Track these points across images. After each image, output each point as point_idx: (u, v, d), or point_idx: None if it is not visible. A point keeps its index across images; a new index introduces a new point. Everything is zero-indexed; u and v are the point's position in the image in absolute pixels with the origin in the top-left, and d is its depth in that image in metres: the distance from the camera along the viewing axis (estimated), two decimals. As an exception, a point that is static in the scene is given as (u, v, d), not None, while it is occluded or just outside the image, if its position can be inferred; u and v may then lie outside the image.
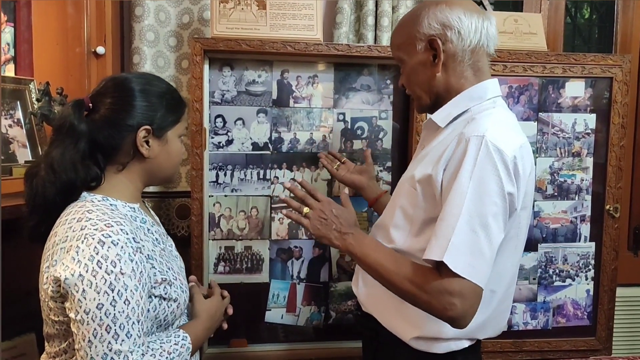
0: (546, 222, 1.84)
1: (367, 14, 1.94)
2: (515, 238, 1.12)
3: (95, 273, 0.93)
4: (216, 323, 1.23)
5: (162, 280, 1.06)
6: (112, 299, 0.94)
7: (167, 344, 1.03)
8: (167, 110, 1.10)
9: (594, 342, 1.89)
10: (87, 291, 0.93)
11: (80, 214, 1.00)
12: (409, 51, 1.16)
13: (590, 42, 2.53)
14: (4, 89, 1.57)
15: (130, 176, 1.10)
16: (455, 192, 1.00)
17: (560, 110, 1.83)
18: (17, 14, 1.69)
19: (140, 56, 1.84)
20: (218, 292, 1.27)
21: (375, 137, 1.82)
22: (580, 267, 1.87)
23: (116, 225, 0.99)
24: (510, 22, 1.86)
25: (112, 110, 1.06)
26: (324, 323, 1.84)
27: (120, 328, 0.94)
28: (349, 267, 1.84)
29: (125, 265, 0.96)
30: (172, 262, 1.14)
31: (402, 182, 1.23)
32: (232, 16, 1.67)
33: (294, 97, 1.77)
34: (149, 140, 1.08)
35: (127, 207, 1.09)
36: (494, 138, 1.01)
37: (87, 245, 0.95)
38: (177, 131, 1.13)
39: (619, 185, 1.84)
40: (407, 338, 1.15)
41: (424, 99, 1.19)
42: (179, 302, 1.10)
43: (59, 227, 1.01)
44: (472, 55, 1.13)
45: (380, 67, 1.80)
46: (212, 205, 1.76)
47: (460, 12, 1.11)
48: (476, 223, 0.98)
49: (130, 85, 1.08)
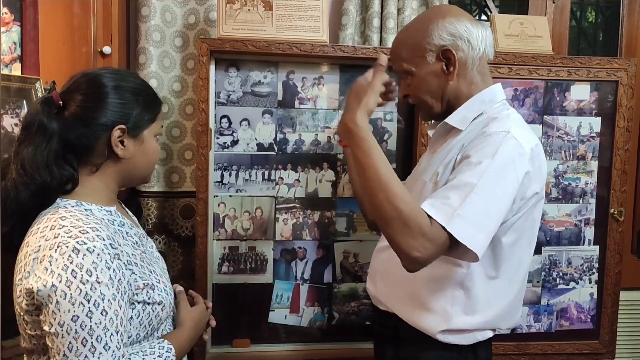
0: (550, 225, 1.84)
1: (372, 16, 1.95)
2: (529, 230, 1.19)
3: (70, 283, 0.88)
4: (199, 333, 1.18)
5: (144, 285, 1.01)
6: (87, 310, 0.88)
7: (150, 356, 0.99)
8: (143, 108, 1.04)
9: (597, 346, 1.89)
10: (61, 302, 0.88)
11: (53, 221, 0.94)
12: (418, 62, 1.20)
13: (595, 45, 2.54)
14: (10, 88, 1.58)
15: (104, 178, 1.04)
16: (473, 167, 1.05)
17: (565, 113, 1.83)
18: (24, 13, 1.70)
19: (146, 56, 1.85)
20: (202, 302, 1.22)
21: (380, 139, 1.82)
22: (584, 271, 1.87)
23: (92, 231, 0.93)
24: (516, 24, 1.86)
25: (84, 108, 0.99)
26: (327, 324, 1.84)
27: (98, 340, 0.89)
28: (353, 269, 1.84)
29: (102, 274, 0.90)
30: (154, 265, 1.10)
31: (419, 180, 1.26)
32: (239, 17, 1.68)
33: (299, 98, 1.77)
34: (124, 140, 1.02)
35: (103, 211, 1.03)
36: (518, 135, 1.09)
37: (61, 254, 0.89)
38: (154, 130, 1.08)
39: (623, 188, 1.84)
40: (435, 332, 1.18)
41: (435, 107, 1.23)
42: (164, 304, 1.05)
43: (31, 237, 0.95)
44: (480, 62, 1.20)
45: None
46: (216, 206, 1.76)
47: (467, 22, 1.18)
48: (486, 197, 1.03)
49: (103, 82, 1.01)
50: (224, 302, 1.78)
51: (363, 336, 1.80)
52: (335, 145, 1.80)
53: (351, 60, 1.75)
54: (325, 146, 1.79)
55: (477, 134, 1.14)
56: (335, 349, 1.83)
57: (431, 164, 1.25)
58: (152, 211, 1.90)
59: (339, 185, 1.81)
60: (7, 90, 1.56)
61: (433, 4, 1.97)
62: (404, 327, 1.23)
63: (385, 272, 1.29)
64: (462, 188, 1.03)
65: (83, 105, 1.00)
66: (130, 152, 1.03)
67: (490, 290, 1.17)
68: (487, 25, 1.23)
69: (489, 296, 1.17)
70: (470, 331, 1.19)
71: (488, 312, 1.18)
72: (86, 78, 1.03)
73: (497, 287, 1.18)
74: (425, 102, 1.24)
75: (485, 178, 1.03)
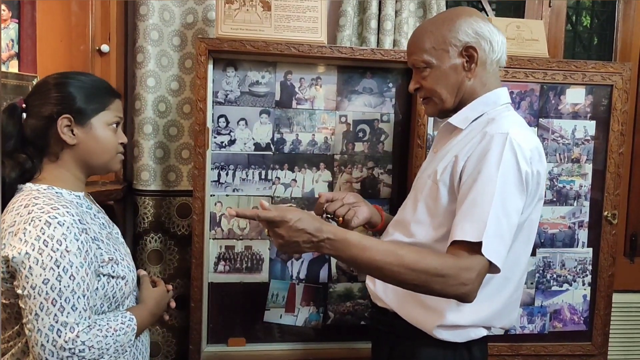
0: (544, 227, 1.85)
1: (370, 18, 1.96)
2: (528, 228, 1.20)
3: (42, 251, 1.00)
4: (160, 311, 1.27)
5: (109, 259, 1.12)
6: (57, 274, 1.00)
7: (114, 322, 1.09)
8: (88, 99, 1.14)
9: (590, 347, 1.90)
10: (33, 268, 0.99)
11: (27, 200, 1.06)
12: (440, 55, 1.22)
13: (590, 49, 2.55)
14: (7, 85, 1.58)
15: (65, 165, 1.15)
16: (484, 180, 1.08)
17: (560, 116, 1.85)
18: (22, 10, 1.70)
19: (144, 55, 1.85)
20: (163, 285, 1.32)
21: (377, 140, 1.83)
22: (578, 273, 1.89)
23: (62, 208, 1.05)
24: (513, 28, 1.88)
25: (33, 106, 1.14)
26: (322, 324, 1.85)
27: (66, 301, 1.00)
28: (348, 269, 1.85)
29: (71, 244, 1.02)
30: (119, 246, 1.21)
31: (422, 179, 1.29)
32: (237, 17, 1.68)
33: (296, 99, 1.78)
34: (73, 128, 1.13)
35: (73, 195, 1.15)
36: (516, 136, 1.11)
37: (34, 227, 1.01)
38: (104, 119, 1.17)
39: (617, 192, 1.86)
40: (430, 328, 1.20)
41: (448, 102, 1.25)
42: (127, 279, 1.16)
43: (6, 215, 1.06)
44: (496, 66, 1.24)
45: (383, 70, 1.81)
46: (213, 205, 1.76)
47: (490, 26, 1.22)
48: (500, 211, 1.07)
49: (47, 80, 1.16)
50: (220, 301, 1.79)
51: (358, 336, 1.81)
52: (332, 145, 1.80)
53: (349, 62, 1.76)
54: (322, 146, 1.80)
55: (477, 133, 1.16)
56: (330, 348, 1.83)
57: (432, 163, 1.27)
58: (149, 209, 1.90)
59: (335, 186, 1.82)
60: (5, 87, 1.56)
61: (430, 7, 1.98)
62: (401, 323, 1.25)
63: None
64: (480, 208, 1.06)
65: (32, 103, 1.15)
66: (80, 139, 1.14)
67: (485, 288, 1.17)
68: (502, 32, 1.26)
69: (483, 294, 1.17)
70: (464, 328, 1.20)
71: (481, 310, 1.19)
72: (38, 82, 1.20)
73: (492, 285, 1.19)
74: (440, 95, 1.24)
75: (497, 195, 1.06)
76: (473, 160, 1.13)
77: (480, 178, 1.09)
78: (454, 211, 1.14)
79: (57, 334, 0.99)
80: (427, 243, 1.20)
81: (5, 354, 1.10)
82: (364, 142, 1.83)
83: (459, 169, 1.14)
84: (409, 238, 1.24)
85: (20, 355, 1.08)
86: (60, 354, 0.99)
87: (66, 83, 1.15)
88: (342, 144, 1.81)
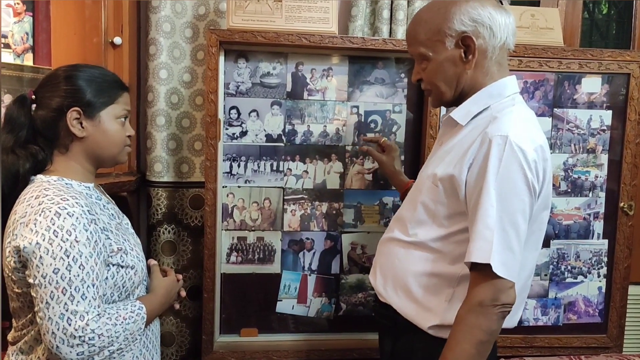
0: (559, 219, 1.83)
1: (382, 7, 1.94)
2: (536, 233, 1.16)
3: (52, 241, 1.02)
4: (170, 300, 1.29)
5: (118, 249, 1.14)
6: (67, 264, 1.02)
7: (124, 311, 1.10)
8: (97, 92, 1.16)
9: (605, 340, 1.88)
10: (44, 257, 1.01)
11: (38, 192, 1.08)
12: (436, 47, 1.16)
13: (607, 38, 2.51)
14: (22, 78, 1.60)
15: (75, 157, 1.17)
16: (485, 193, 1.04)
17: (575, 106, 1.82)
18: (36, 4, 1.71)
19: (156, 47, 1.86)
20: (173, 274, 1.33)
21: (389, 131, 1.82)
22: (593, 264, 1.86)
23: (72, 199, 1.06)
24: (527, 16, 1.85)
25: (43, 98, 1.15)
26: (334, 314, 1.85)
27: (76, 290, 1.02)
28: (360, 260, 1.85)
29: (80, 234, 1.04)
30: (129, 236, 1.22)
31: (422, 178, 1.25)
32: (248, 8, 1.68)
33: (308, 90, 1.78)
34: (82, 121, 1.14)
35: (82, 186, 1.17)
36: (517, 138, 1.05)
37: (45, 218, 1.03)
38: (112, 112, 1.18)
39: (634, 182, 1.83)
40: (426, 326, 1.18)
41: (447, 94, 1.20)
42: (136, 269, 1.17)
43: (18, 206, 1.08)
44: (500, 52, 1.16)
45: (395, 60, 1.80)
46: (225, 196, 1.77)
47: (490, 9, 1.13)
48: (506, 222, 1.04)
49: (57, 73, 1.17)
50: (232, 292, 1.80)
51: (369, 327, 1.81)
52: (343, 137, 1.80)
53: (360, 52, 1.75)
54: (333, 138, 1.80)
55: (479, 134, 1.11)
56: (341, 339, 1.84)
57: (433, 160, 1.24)
58: (162, 201, 1.92)
59: (346, 177, 1.82)
60: (20, 80, 1.59)
61: (443, -4, 1.96)
62: (402, 318, 1.23)
63: (385, 264, 1.29)
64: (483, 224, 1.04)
65: (42, 95, 1.16)
66: (89, 131, 1.15)
67: None
68: (510, 12, 1.17)
69: None
70: None
71: None
72: (48, 74, 1.20)
73: None
74: (439, 88, 1.20)
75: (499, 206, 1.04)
76: (474, 171, 1.08)
77: (482, 193, 1.05)
78: (453, 213, 1.12)
79: (67, 322, 1.01)
80: (426, 243, 1.18)
81: (19, 341, 1.13)
82: (376, 133, 1.82)
83: (463, 178, 1.10)
84: (408, 237, 1.22)
85: (33, 343, 1.11)
86: (70, 342, 1.01)
87: (76, 76, 1.15)
88: (353, 135, 1.81)
